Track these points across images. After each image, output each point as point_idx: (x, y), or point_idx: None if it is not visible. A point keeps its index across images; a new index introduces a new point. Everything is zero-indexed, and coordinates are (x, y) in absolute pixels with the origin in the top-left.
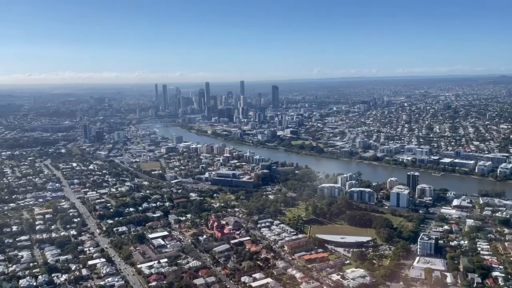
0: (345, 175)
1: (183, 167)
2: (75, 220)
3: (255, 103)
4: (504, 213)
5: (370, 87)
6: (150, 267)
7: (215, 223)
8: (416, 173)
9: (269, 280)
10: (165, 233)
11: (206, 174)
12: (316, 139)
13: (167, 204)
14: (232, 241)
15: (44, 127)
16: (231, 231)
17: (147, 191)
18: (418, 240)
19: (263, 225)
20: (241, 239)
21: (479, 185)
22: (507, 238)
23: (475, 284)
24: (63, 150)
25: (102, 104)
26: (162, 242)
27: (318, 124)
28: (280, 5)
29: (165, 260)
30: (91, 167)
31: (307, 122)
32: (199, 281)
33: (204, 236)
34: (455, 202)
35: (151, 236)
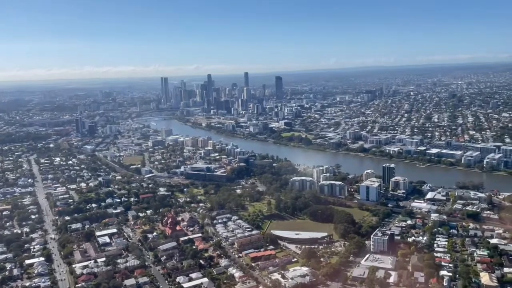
0: (321, 168)
1: (163, 161)
2: (33, 217)
3: (259, 95)
4: (475, 206)
5: (383, 77)
6: (85, 266)
7: (170, 220)
8: (392, 165)
9: (204, 280)
10: (114, 230)
11: (182, 168)
12: (309, 131)
13: (132, 199)
14: (182, 239)
15: (42, 122)
16: (185, 228)
17: (116, 186)
18: (371, 236)
19: (219, 221)
20: (192, 236)
21: (463, 177)
22: (470, 234)
23: (417, 284)
24: (51, 145)
25: (107, 98)
26: (108, 240)
27: (316, 115)
28: None
29: (103, 259)
30: (70, 162)
31: (306, 113)
32: (130, 281)
33: (154, 234)
34: (429, 195)
35: (98, 233)
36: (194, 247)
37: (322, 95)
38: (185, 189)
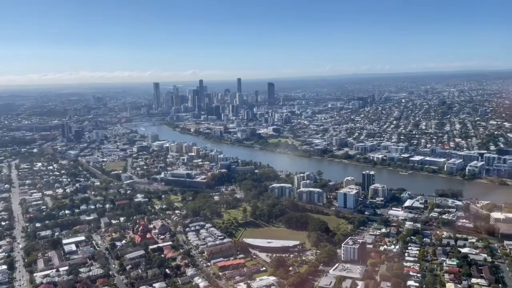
0: (301, 175)
1: (145, 167)
2: (3, 223)
3: (251, 101)
4: (451, 215)
5: (377, 84)
6: (46, 275)
7: (141, 227)
8: (372, 172)
9: None
10: (82, 238)
11: (162, 174)
12: (296, 137)
13: (107, 206)
14: (151, 247)
15: (30, 127)
16: (157, 236)
17: (92, 193)
18: (342, 245)
19: (192, 229)
20: (162, 244)
21: (445, 184)
22: (442, 243)
23: None
24: (35, 150)
25: (99, 103)
26: (74, 248)
27: (305, 122)
28: (294, 1)
29: (66, 268)
30: (51, 167)
31: (296, 119)
32: None
33: (123, 242)
34: (408, 203)
35: (65, 241)
36: (162, 255)
37: (314, 102)
38: (163, 196)
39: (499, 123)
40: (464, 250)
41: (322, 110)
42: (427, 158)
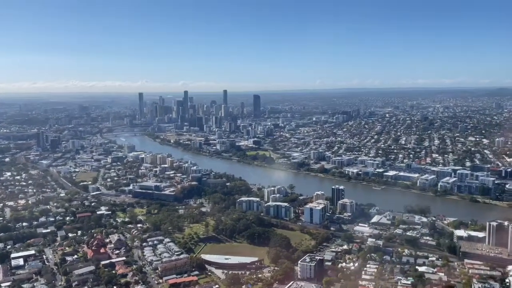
0: (272, 188)
1: (116, 178)
2: None
3: (237, 113)
4: (416, 232)
5: (365, 98)
6: None
7: (95, 242)
8: (341, 187)
9: None
10: (32, 252)
11: (131, 186)
12: (276, 150)
13: (67, 218)
14: (103, 262)
15: (6, 135)
16: (112, 250)
17: (54, 204)
18: (299, 262)
19: (150, 243)
20: (115, 260)
21: (416, 200)
22: (402, 260)
23: None
24: (7, 159)
25: (83, 112)
26: (22, 263)
27: (287, 135)
28: (284, 14)
29: (9, 283)
30: (19, 177)
31: (278, 132)
32: None
33: (75, 256)
34: (375, 218)
35: (13, 255)
36: (113, 272)
37: (300, 115)
38: (128, 208)
39: (477, 139)
40: (422, 269)
41: (306, 123)
42: (401, 173)
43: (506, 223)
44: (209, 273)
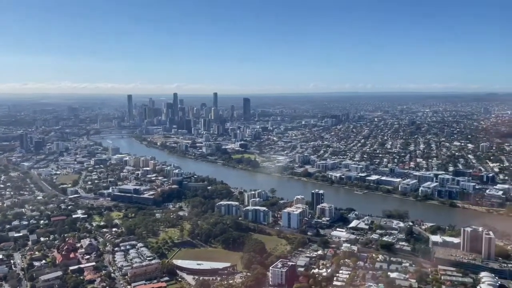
0: (252, 192)
1: (97, 181)
2: None
3: (226, 116)
4: (392, 237)
5: (356, 102)
6: None
7: (66, 246)
8: (321, 191)
9: None
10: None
11: (110, 189)
12: (262, 153)
13: (41, 222)
14: (72, 267)
15: None
16: (82, 255)
17: (30, 207)
18: (270, 268)
19: (122, 248)
20: (84, 265)
21: (397, 205)
22: (375, 266)
23: None
24: None
25: (72, 114)
26: None
27: (274, 138)
28: (279, 19)
29: None
30: None
31: (266, 135)
32: None
33: (43, 261)
34: (353, 223)
35: None
36: (81, 277)
37: (290, 118)
38: (105, 212)
39: (462, 144)
40: (393, 275)
41: (295, 126)
42: (383, 178)
43: (480, 229)
44: (180, 279)
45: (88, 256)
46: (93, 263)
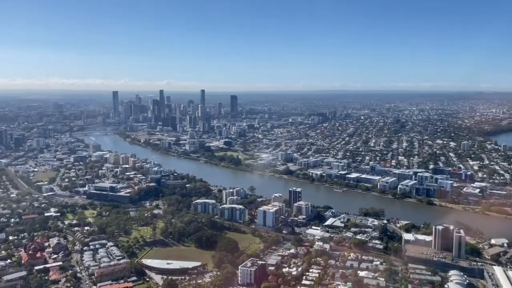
0: (230, 190)
1: (74, 178)
2: None
3: (214, 113)
4: (365, 235)
5: (344, 100)
6: None
7: (33, 245)
8: (298, 189)
9: None
10: None
11: (86, 187)
12: (246, 151)
13: (12, 220)
14: (38, 267)
15: None
16: (50, 255)
17: (1, 205)
18: (239, 267)
19: (91, 247)
20: (50, 265)
21: (374, 203)
22: (346, 265)
23: None
24: None
25: (57, 110)
26: None
27: (259, 135)
28: (268, 16)
29: None
30: None
31: (252, 133)
32: None
33: (8, 261)
34: (329, 221)
35: None
36: (46, 277)
37: (278, 116)
38: (79, 210)
39: (445, 142)
40: (362, 274)
41: (281, 124)
42: (363, 176)
43: (451, 227)
44: (148, 279)
45: (55, 256)
46: (60, 263)
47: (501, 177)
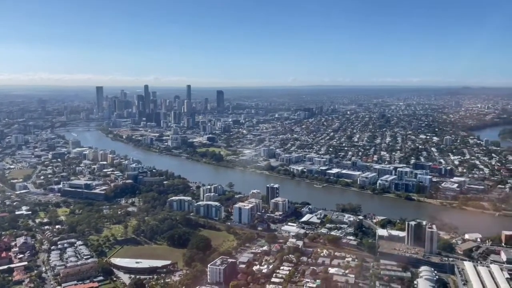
0: (207, 187)
1: (51, 176)
2: None
3: (200, 108)
4: (340, 231)
5: (333, 95)
6: None
7: None
8: (276, 185)
9: None
10: None
11: (61, 185)
12: (229, 147)
13: None
14: (1, 267)
15: None
16: (16, 254)
17: None
18: (208, 265)
19: (59, 246)
20: (15, 265)
21: (354, 198)
22: (318, 262)
23: None
24: None
25: (40, 105)
26: None
27: (244, 131)
28: (258, 11)
29: None
30: None
31: (237, 128)
32: None
33: None
34: (306, 217)
35: None
36: (10, 278)
37: (265, 111)
38: (52, 208)
39: (428, 137)
40: (332, 270)
41: (267, 119)
42: (343, 171)
43: (424, 222)
44: (115, 279)
45: (21, 255)
46: (25, 263)
47: (480, 172)
